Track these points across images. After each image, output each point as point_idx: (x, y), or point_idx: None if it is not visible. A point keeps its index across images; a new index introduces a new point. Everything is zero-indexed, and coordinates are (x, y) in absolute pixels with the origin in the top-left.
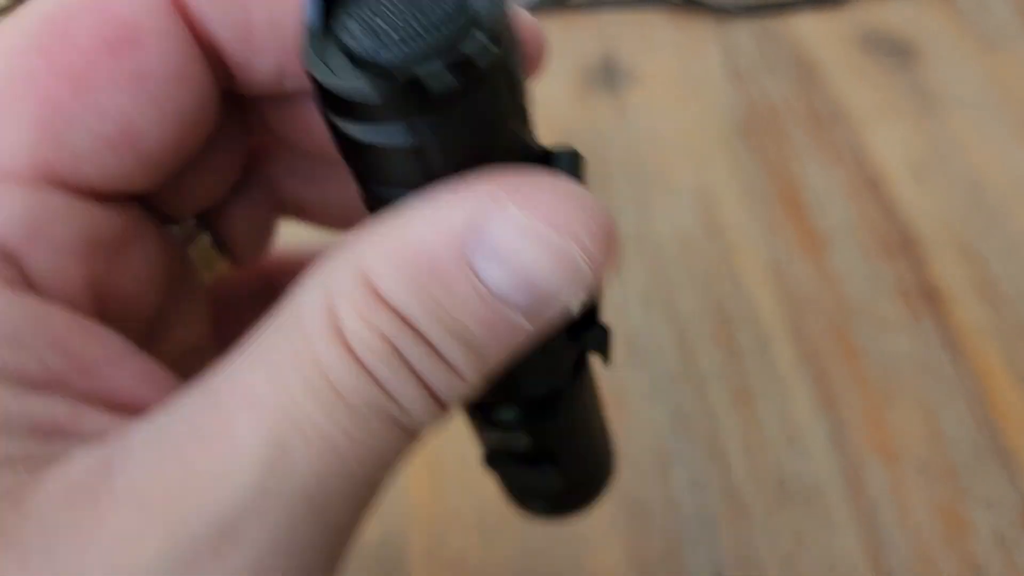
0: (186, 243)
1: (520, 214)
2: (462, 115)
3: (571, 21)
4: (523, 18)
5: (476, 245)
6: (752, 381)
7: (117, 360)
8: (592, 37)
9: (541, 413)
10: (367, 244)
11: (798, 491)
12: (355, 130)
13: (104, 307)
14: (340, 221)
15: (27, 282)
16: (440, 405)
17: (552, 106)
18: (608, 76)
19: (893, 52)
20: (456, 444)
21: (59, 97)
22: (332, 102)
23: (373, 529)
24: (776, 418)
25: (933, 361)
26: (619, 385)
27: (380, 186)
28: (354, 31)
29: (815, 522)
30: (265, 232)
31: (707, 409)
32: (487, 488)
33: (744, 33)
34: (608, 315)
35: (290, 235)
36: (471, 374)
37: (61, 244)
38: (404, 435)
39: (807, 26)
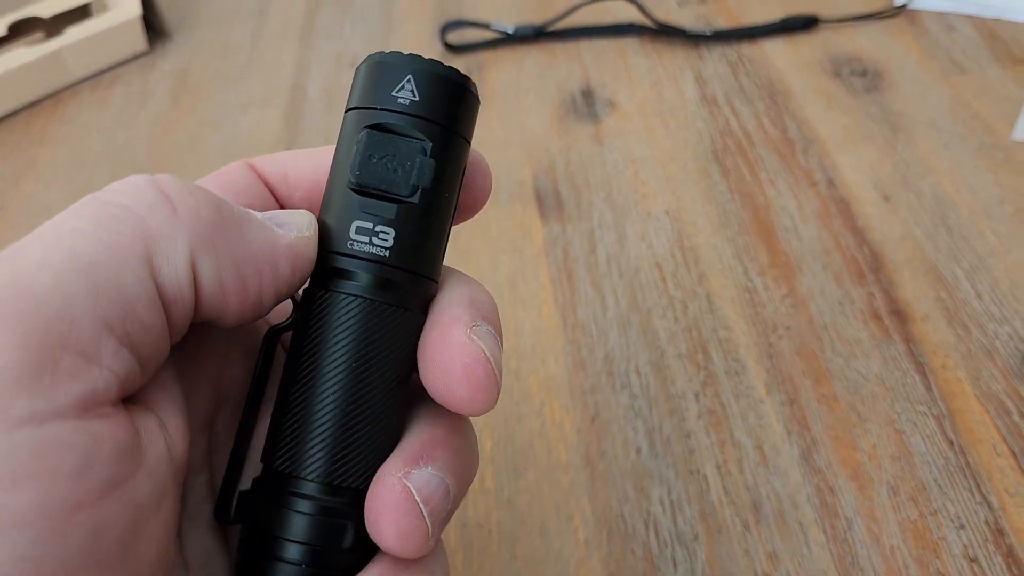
0: None
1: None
2: None
3: (550, 50)
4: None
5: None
6: (728, 403)
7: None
8: (571, 65)
9: None
10: None
11: (773, 510)
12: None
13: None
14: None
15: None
16: (167, 200)
17: (532, 133)
18: (586, 103)
19: (862, 76)
20: None
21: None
22: None
23: None
24: (751, 439)
25: (903, 382)
26: (599, 407)
27: None
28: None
29: (790, 541)
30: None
31: (684, 430)
32: (470, 509)
33: (717, 59)
34: (587, 338)
35: None
36: (198, 192)
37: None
38: None
39: (778, 52)
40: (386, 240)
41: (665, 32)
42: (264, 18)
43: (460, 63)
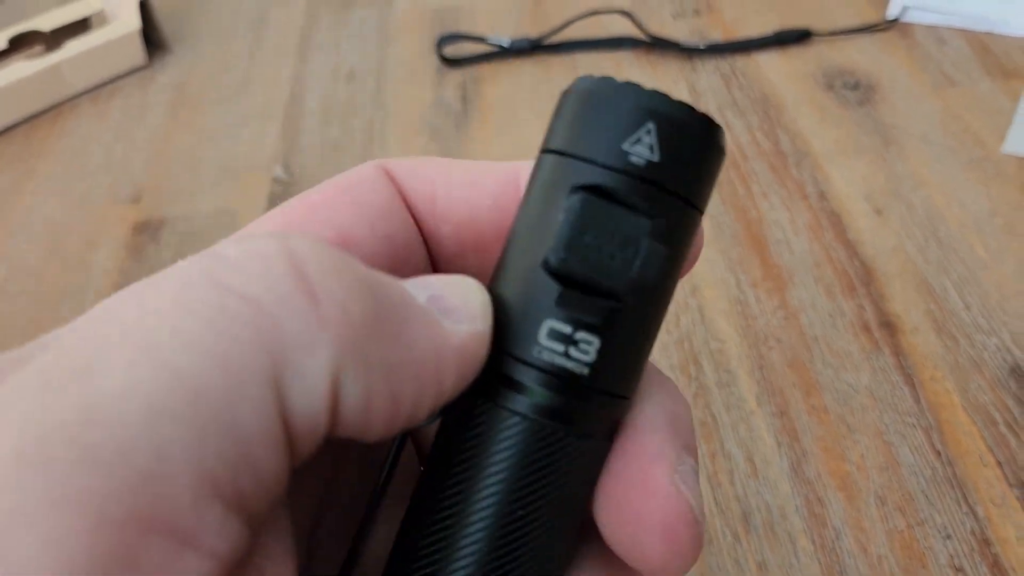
0: None
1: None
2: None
3: (546, 63)
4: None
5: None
6: (718, 414)
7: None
8: (566, 79)
9: None
10: None
11: (763, 521)
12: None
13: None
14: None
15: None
16: (306, 290)
17: (528, 146)
18: None
19: (854, 89)
20: None
21: (300, 215)
22: None
23: None
24: (741, 450)
25: (892, 393)
26: None
27: None
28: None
29: (780, 551)
30: None
31: None
32: None
33: (711, 72)
34: None
35: None
36: (344, 270)
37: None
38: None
39: (772, 65)
40: (587, 353)
41: (659, 45)
42: (262, 32)
43: (457, 76)
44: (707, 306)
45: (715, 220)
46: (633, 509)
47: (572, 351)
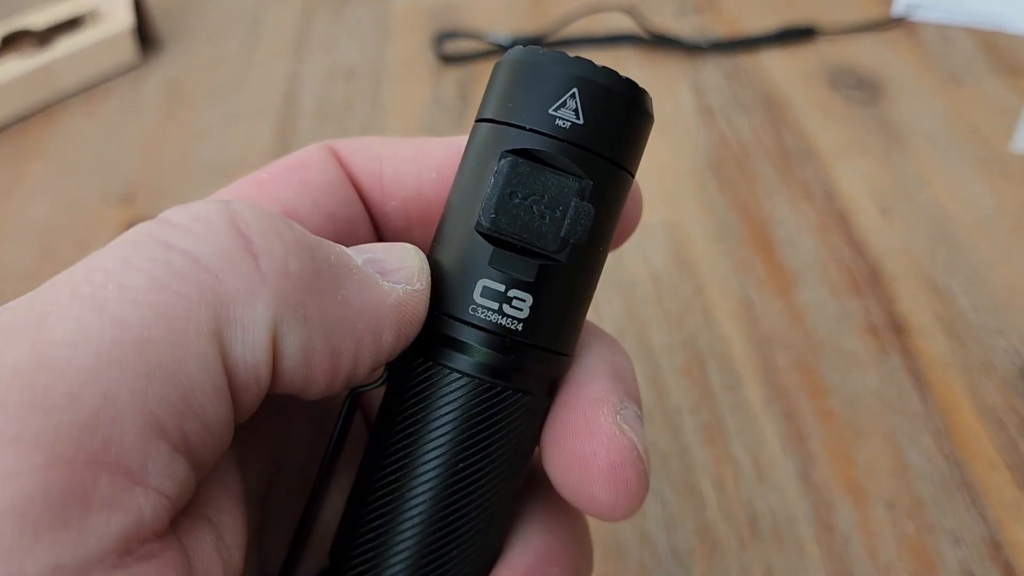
0: None
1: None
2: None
3: None
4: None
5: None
6: (724, 417)
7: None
8: None
9: None
10: None
11: (770, 527)
12: None
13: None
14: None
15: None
16: (247, 248)
17: None
18: None
19: (859, 87)
20: None
21: (247, 191)
22: None
23: None
24: (747, 454)
25: (900, 396)
26: None
27: None
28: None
29: (787, 557)
30: None
31: (680, 445)
32: None
33: (714, 70)
34: None
35: None
36: (284, 230)
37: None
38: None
39: (776, 63)
40: (520, 309)
41: (662, 43)
42: (257, 30)
43: (455, 74)
44: (712, 308)
45: (719, 220)
46: (578, 452)
47: (506, 308)
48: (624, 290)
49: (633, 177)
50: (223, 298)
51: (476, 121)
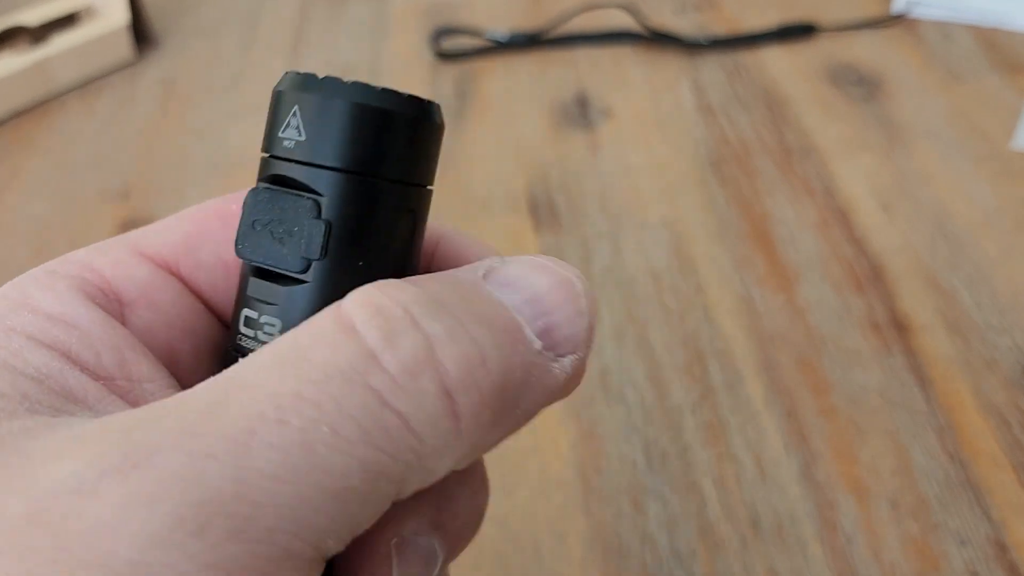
0: None
1: (528, 258)
2: None
3: (545, 58)
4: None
5: (492, 278)
6: (725, 416)
7: (154, 378)
8: (565, 74)
9: None
10: (379, 287)
11: (772, 526)
12: None
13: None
14: None
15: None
16: (451, 410)
17: (526, 142)
18: (581, 112)
19: (860, 84)
20: None
21: (212, 225)
22: None
23: None
24: (749, 453)
25: (903, 394)
26: (593, 421)
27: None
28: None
29: (790, 557)
30: None
31: (681, 444)
32: None
33: (714, 67)
34: None
35: None
36: (484, 380)
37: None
38: (402, 447)
39: (776, 60)
40: (271, 335)
41: (660, 40)
42: (254, 27)
43: (453, 71)
44: (712, 305)
45: (720, 217)
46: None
47: (260, 335)
48: (624, 288)
49: (399, 183)
50: (420, 456)
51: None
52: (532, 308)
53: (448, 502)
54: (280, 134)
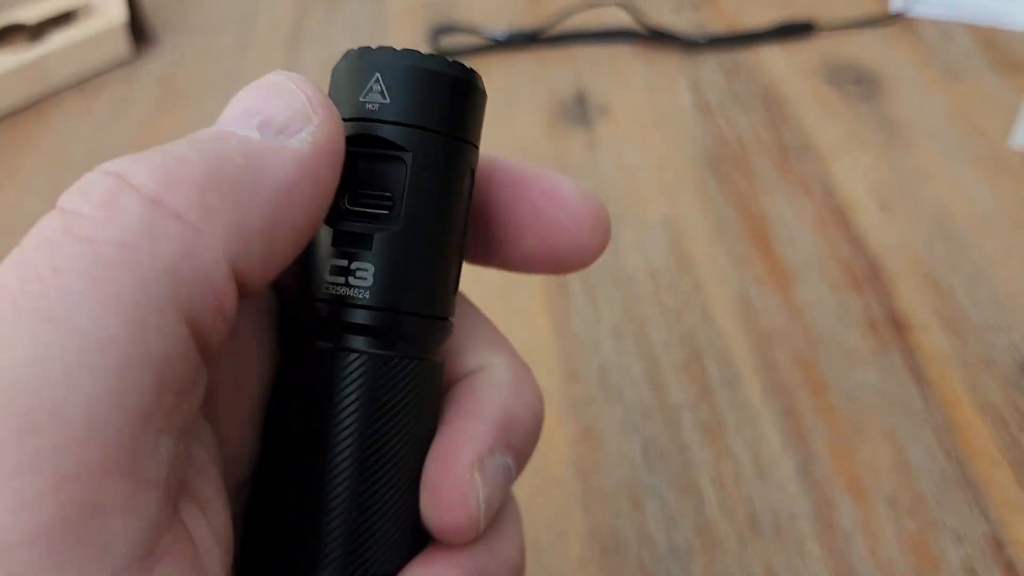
0: None
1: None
2: None
3: (543, 56)
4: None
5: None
6: (723, 414)
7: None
8: (564, 71)
9: None
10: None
11: (770, 524)
12: None
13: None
14: None
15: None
16: (164, 209)
17: (524, 139)
18: (579, 110)
19: (858, 83)
20: None
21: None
22: None
23: None
24: (747, 451)
25: (901, 393)
26: (592, 419)
27: None
28: None
29: (787, 555)
30: None
31: (679, 442)
32: None
33: (712, 66)
34: (580, 349)
35: None
36: (187, 171)
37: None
38: None
39: (774, 58)
40: (364, 278)
41: (659, 38)
42: (251, 24)
43: None
44: (710, 304)
45: (717, 216)
46: (434, 481)
47: (352, 279)
48: (622, 286)
49: (468, 144)
50: (165, 266)
51: None
52: (242, 115)
53: (511, 418)
54: (362, 99)
